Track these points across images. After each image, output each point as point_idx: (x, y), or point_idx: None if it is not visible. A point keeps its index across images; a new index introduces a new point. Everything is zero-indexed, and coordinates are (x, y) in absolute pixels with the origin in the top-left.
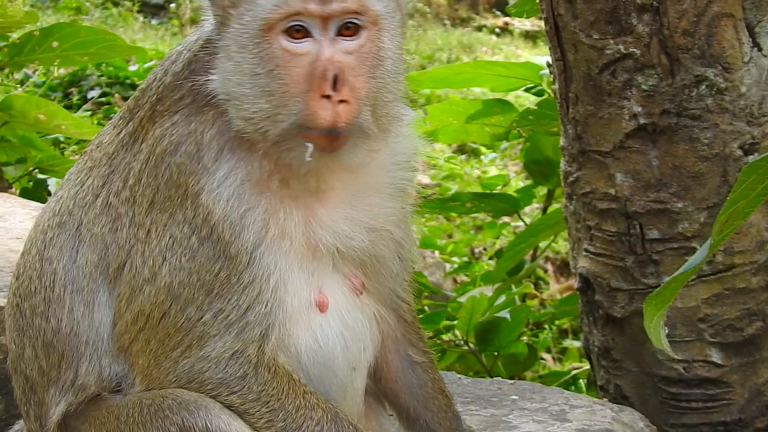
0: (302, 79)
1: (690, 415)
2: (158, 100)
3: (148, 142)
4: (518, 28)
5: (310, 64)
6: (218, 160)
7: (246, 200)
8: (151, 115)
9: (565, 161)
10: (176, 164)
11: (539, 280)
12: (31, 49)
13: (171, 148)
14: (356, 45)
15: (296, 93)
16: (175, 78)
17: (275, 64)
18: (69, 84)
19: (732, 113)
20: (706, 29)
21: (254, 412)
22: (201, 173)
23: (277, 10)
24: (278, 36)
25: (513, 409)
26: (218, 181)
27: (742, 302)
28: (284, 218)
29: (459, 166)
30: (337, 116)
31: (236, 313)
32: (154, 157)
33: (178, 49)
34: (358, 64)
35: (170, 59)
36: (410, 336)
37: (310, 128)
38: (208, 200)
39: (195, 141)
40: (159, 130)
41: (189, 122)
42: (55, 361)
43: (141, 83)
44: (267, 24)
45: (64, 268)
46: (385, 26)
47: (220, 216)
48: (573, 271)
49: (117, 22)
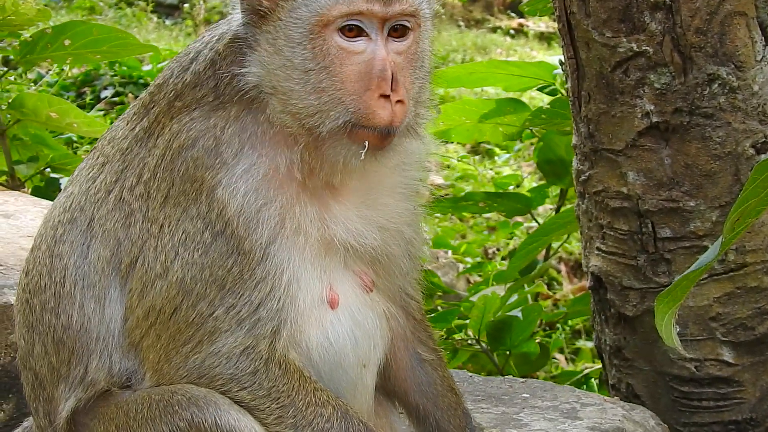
0: (358, 77)
1: (701, 414)
2: (176, 97)
3: (164, 137)
4: (533, 30)
5: (365, 63)
6: (238, 155)
7: (263, 195)
8: (167, 111)
9: (577, 160)
10: (193, 158)
11: (552, 281)
12: (43, 47)
13: (188, 142)
14: (405, 46)
15: (353, 91)
16: (196, 77)
17: (330, 61)
18: (82, 83)
19: (744, 112)
20: (718, 27)
21: (264, 408)
22: (219, 167)
23: (338, 8)
24: (333, 33)
25: (524, 407)
26: (237, 176)
27: (753, 301)
28: (300, 214)
29: (472, 167)
30: (395, 116)
31: (248, 308)
32: (171, 152)
33: (196, 47)
34: (406, 65)
35: (188, 56)
36: (419, 334)
37: (366, 127)
38: (224, 195)
39: (214, 136)
40: (176, 125)
41: (208, 118)
42: (64, 357)
43: (156, 79)
44: (324, 20)
45: (75, 264)
46: (425, 28)
47: (236, 211)
48: (585, 269)
49: (131, 22)
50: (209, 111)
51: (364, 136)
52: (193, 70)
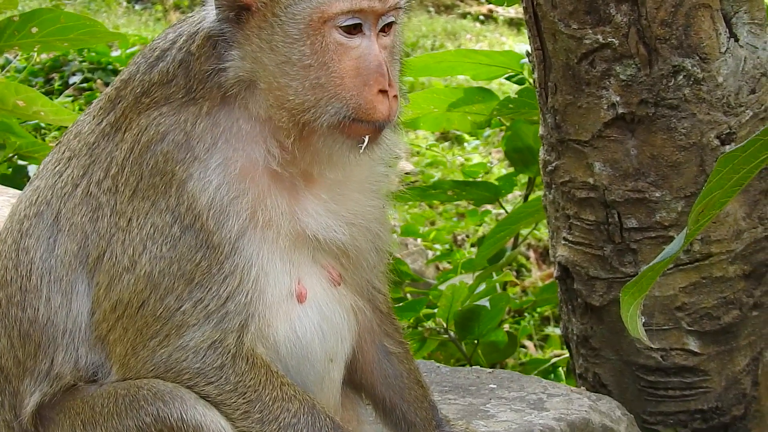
0: (356, 73)
1: (668, 403)
2: (143, 93)
3: (132, 131)
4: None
5: (361, 59)
6: (211, 150)
7: (236, 189)
8: (134, 106)
9: (544, 150)
10: (162, 152)
11: (521, 267)
12: (10, 35)
13: (157, 137)
14: (390, 40)
15: (352, 87)
16: (163, 76)
17: (329, 57)
18: (50, 69)
19: (709, 103)
20: (683, 20)
21: (231, 403)
22: (191, 162)
23: (340, 5)
24: (332, 29)
25: (491, 398)
26: (211, 170)
27: (719, 291)
28: (271, 207)
29: (441, 154)
30: (391, 110)
31: (216, 302)
32: (139, 146)
33: (161, 45)
34: (390, 58)
35: (154, 54)
36: (386, 327)
37: (366, 122)
38: (195, 188)
39: (184, 131)
40: (144, 120)
41: (178, 113)
42: (30, 350)
43: (121, 73)
44: (324, 16)
45: (42, 258)
46: (400, 21)
47: (206, 204)
48: (552, 259)
49: (100, 7)
50: (178, 107)
51: (362, 130)
52: (160, 69)
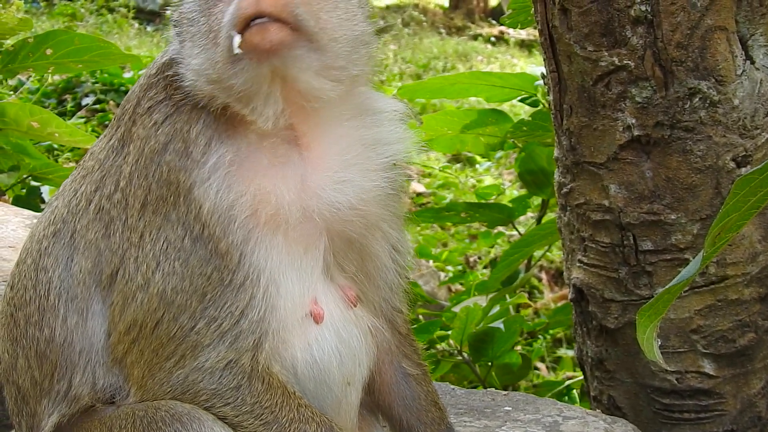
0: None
1: (683, 426)
2: (137, 104)
3: (134, 143)
4: (513, 37)
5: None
6: (206, 152)
7: (235, 188)
8: (131, 117)
9: (559, 172)
10: (166, 162)
11: (533, 289)
12: (25, 57)
13: (159, 147)
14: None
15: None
16: (148, 80)
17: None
18: (63, 91)
19: (725, 126)
20: (699, 42)
21: (248, 425)
22: (191, 167)
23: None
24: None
25: (506, 420)
26: (209, 171)
27: (734, 313)
28: (276, 200)
29: (454, 175)
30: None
31: (229, 321)
32: (143, 158)
33: (158, 60)
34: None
35: (148, 67)
36: (404, 348)
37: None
38: (199, 193)
39: (182, 138)
40: (142, 130)
41: (172, 121)
42: (48, 371)
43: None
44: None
45: (59, 277)
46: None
47: (209, 210)
48: (567, 281)
49: (112, 28)
50: (169, 114)
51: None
52: (146, 75)
